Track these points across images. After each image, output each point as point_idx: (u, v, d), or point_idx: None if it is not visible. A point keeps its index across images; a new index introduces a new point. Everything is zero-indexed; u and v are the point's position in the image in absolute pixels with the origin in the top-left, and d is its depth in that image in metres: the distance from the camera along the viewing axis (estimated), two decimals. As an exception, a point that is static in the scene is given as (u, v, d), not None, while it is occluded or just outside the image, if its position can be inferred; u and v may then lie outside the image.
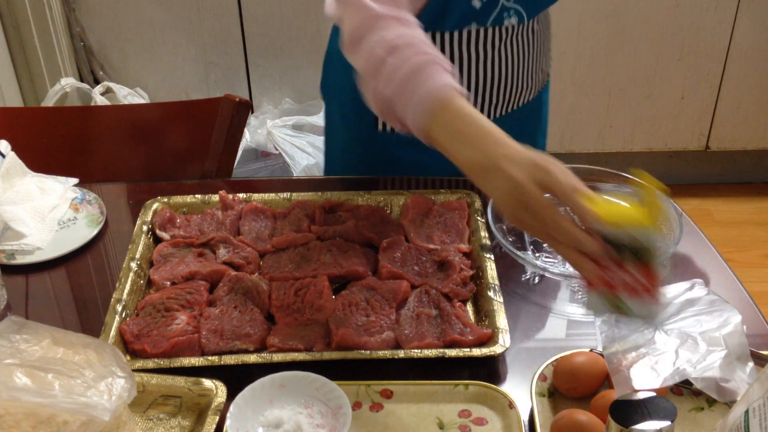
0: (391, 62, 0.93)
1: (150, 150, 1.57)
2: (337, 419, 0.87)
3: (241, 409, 0.88)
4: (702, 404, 0.91)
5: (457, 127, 0.88)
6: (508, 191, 0.83)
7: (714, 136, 2.65)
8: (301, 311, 1.04)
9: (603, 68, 2.51)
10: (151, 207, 1.21)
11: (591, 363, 0.92)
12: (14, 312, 1.09)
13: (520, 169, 0.82)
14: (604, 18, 2.42)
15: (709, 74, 2.52)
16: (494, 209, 0.92)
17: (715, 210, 2.67)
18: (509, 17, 1.19)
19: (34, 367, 0.79)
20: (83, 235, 1.22)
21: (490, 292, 1.05)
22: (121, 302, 1.04)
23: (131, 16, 2.45)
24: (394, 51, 0.94)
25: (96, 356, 0.83)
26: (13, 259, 1.17)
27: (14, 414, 0.77)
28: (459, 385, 0.94)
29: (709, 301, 0.95)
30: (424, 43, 0.95)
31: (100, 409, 0.77)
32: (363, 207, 1.21)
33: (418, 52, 0.93)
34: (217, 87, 2.57)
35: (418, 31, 0.98)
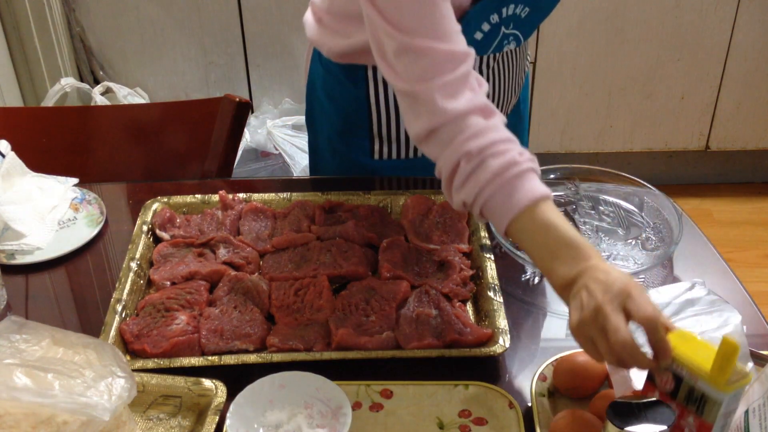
0: (478, 176, 0.89)
1: (150, 150, 1.57)
2: (337, 419, 0.87)
3: (241, 409, 0.88)
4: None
5: (546, 241, 0.86)
6: (589, 311, 0.80)
7: (714, 136, 2.64)
8: (301, 311, 1.04)
9: (603, 68, 2.51)
10: (151, 207, 1.22)
11: (591, 363, 0.92)
12: (14, 312, 1.09)
13: (604, 291, 0.79)
14: (604, 18, 2.42)
15: (709, 74, 2.52)
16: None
17: (715, 210, 2.67)
18: (508, 44, 1.19)
19: (34, 367, 0.79)
20: (83, 235, 1.22)
21: (490, 292, 1.05)
22: (121, 302, 1.04)
23: (131, 16, 2.45)
24: (480, 165, 0.89)
25: (96, 356, 0.83)
26: (13, 259, 1.17)
27: (14, 414, 0.77)
28: (459, 385, 0.94)
29: (709, 301, 0.95)
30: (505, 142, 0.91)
31: (100, 409, 0.77)
32: (363, 207, 1.21)
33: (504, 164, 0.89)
34: (217, 87, 2.57)
35: (498, 120, 0.93)
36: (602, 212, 1.24)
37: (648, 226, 1.21)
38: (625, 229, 1.21)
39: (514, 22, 1.15)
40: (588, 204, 1.25)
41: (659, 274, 1.13)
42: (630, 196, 1.26)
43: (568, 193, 1.27)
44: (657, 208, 1.22)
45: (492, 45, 1.16)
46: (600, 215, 1.23)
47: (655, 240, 1.18)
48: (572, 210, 1.24)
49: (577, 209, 1.24)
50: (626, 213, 1.24)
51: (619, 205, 1.25)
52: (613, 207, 1.25)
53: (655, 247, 1.17)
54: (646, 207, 1.24)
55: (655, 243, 1.17)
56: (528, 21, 1.17)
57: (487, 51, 1.17)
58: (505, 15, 1.13)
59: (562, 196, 1.27)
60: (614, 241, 1.18)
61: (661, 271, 1.13)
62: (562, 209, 1.25)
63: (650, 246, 1.17)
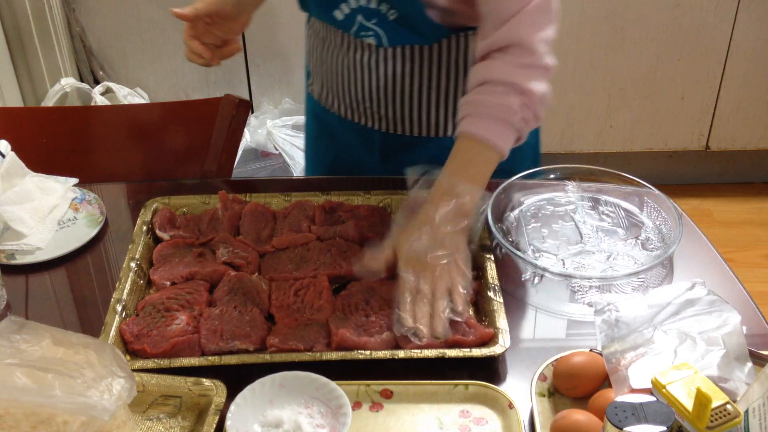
0: None
1: (150, 150, 1.57)
2: (337, 419, 0.87)
3: (241, 409, 0.88)
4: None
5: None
6: None
7: (714, 136, 2.64)
8: (300, 311, 1.04)
9: (603, 68, 2.51)
10: (151, 207, 1.21)
11: (590, 363, 0.92)
12: (14, 312, 1.09)
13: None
14: (604, 18, 2.42)
15: (709, 74, 2.52)
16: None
17: (715, 210, 2.67)
18: (367, 36, 1.22)
19: (34, 367, 0.79)
20: (83, 235, 1.22)
21: (490, 292, 1.05)
22: (121, 302, 1.04)
23: (131, 16, 2.44)
24: None
25: (96, 356, 0.83)
26: (13, 259, 1.17)
27: (14, 414, 0.77)
28: (459, 385, 0.94)
29: (708, 301, 0.95)
30: None
31: (100, 409, 0.77)
32: (363, 207, 1.21)
33: None
34: (217, 87, 2.57)
35: None
36: (602, 212, 1.24)
37: (648, 226, 1.21)
38: (625, 229, 1.21)
39: (378, 19, 1.18)
40: (588, 204, 1.25)
41: (659, 274, 1.13)
42: (630, 196, 1.26)
43: (569, 193, 1.27)
44: (657, 208, 1.22)
45: (351, 29, 1.21)
46: (600, 215, 1.23)
47: (655, 240, 1.18)
48: (572, 210, 1.24)
49: (577, 209, 1.24)
50: (626, 213, 1.24)
51: (619, 205, 1.25)
52: (613, 207, 1.25)
53: (655, 247, 1.17)
54: (647, 207, 1.24)
55: (655, 243, 1.18)
56: (395, 27, 1.18)
57: (348, 31, 1.23)
58: (356, 5, 1.17)
59: (562, 196, 1.27)
60: (614, 241, 1.18)
61: (661, 271, 1.13)
62: (562, 209, 1.25)
63: (650, 246, 1.17)
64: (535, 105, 1.06)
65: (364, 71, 1.27)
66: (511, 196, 1.25)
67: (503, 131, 1.05)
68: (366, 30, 1.20)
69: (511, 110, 1.05)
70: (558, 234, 1.20)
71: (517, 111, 1.05)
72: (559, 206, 1.25)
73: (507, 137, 1.06)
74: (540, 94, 1.07)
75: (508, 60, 1.06)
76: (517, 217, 1.24)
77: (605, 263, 1.14)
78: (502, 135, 1.05)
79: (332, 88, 1.34)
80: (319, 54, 1.33)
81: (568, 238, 1.19)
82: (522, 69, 1.06)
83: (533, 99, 1.06)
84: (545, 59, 1.08)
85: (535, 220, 1.23)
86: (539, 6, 1.06)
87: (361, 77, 1.28)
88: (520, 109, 1.05)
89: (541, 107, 1.08)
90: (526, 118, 1.06)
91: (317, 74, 1.36)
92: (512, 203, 1.25)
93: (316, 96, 1.40)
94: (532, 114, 1.07)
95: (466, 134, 1.06)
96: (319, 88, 1.38)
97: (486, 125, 1.05)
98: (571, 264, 1.14)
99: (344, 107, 1.34)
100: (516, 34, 1.05)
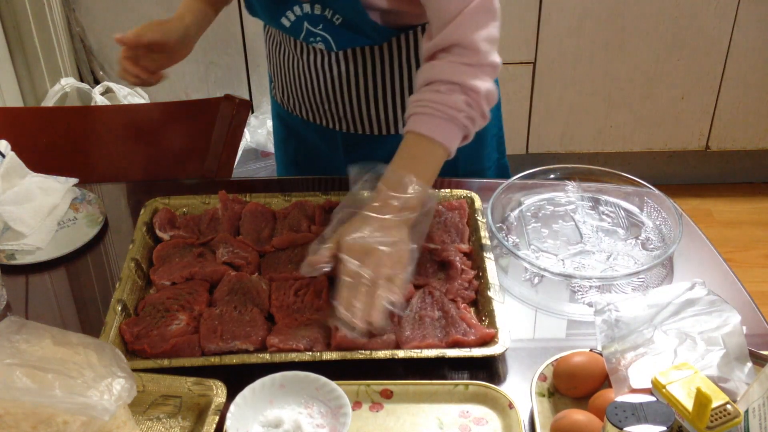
0: None
1: (150, 150, 1.56)
2: (337, 419, 0.87)
3: (241, 409, 0.88)
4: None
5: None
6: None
7: (714, 136, 2.64)
8: (301, 311, 1.04)
9: (603, 68, 2.51)
10: (151, 207, 1.21)
11: (591, 363, 0.92)
12: (14, 312, 1.09)
13: None
14: (605, 17, 2.42)
15: (709, 74, 2.52)
16: None
17: (715, 210, 2.67)
18: (315, 42, 1.23)
19: (35, 367, 0.79)
20: (83, 235, 1.22)
21: (490, 292, 1.05)
22: (121, 302, 1.04)
23: (131, 16, 2.44)
24: None
25: (96, 356, 0.83)
26: (13, 259, 1.17)
27: (14, 414, 0.77)
28: (459, 385, 0.94)
29: (708, 301, 0.95)
30: None
31: (100, 409, 0.77)
32: (363, 207, 1.21)
33: None
34: (217, 87, 2.57)
35: None
36: (602, 212, 1.24)
37: (648, 226, 1.21)
38: (626, 229, 1.21)
39: (324, 24, 1.19)
40: (588, 204, 1.25)
41: (659, 274, 1.13)
42: (630, 196, 1.26)
43: (569, 193, 1.27)
44: (657, 208, 1.22)
45: (299, 35, 1.23)
46: (600, 215, 1.23)
47: (655, 240, 1.18)
48: (572, 210, 1.24)
49: (578, 209, 1.24)
50: (626, 213, 1.24)
51: (619, 205, 1.25)
52: (614, 207, 1.25)
53: (655, 247, 1.17)
54: (647, 207, 1.24)
55: (655, 243, 1.18)
56: (342, 31, 1.19)
57: (298, 38, 1.24)
58: (301, 13, 1.18)
59: (562, 196, 1.27)
60: (614, 241, 1.18)
61: (661, 271, 1.13)
62: (562, 209, 1.25)
63: (650, 246, 1.17)
64: (480, 103, 1.07)
65: (318, 74, 1.28)
66: (511, 196, 1.25)
67: (449, 129, 1.06)
68: (314, 36, 1.21)
69: (456, 108, 1.05)
70: (558, 234, 1.20)
71: (463, 109, 1.06)
72: (559, 206, 1.25)
73: (452, 135, 1.07)
74: (485, 91, 1.07)
75: (452, 60, 1.07)
76: (518, 216, 1.24)
77: (605, 263, 1.14)
78: (448, 133, 1.06)
79: (292, 92, 1.36)
80: (277, 59, 1.35)
81: (568, 238, 1.19)
82: (466, 68, 1.07)
83: (478, 97, 1.06)
84: (489, 57, 1.08)
85: (535, 220, 1.23)
86: (480, 6, 1.07)
87: (317, 80, 1.29)
88: (466, 107, 1.06)
89: (486, 105, 1.08)
90: (471, 116, 1.07)
91: (277, 78, 1.39)
92: (512, 203, 1.25)
93: (278, 99, 1.42)
94: (477, 112, 1.07)
95: (413, 132, 1.07)
96: (280, 92, 1.40)
97: (432, 123, 1.06)
98: (571, 264, 1.14)
99: (305, 110, 1.36)
100: (458, 35, 1.07)
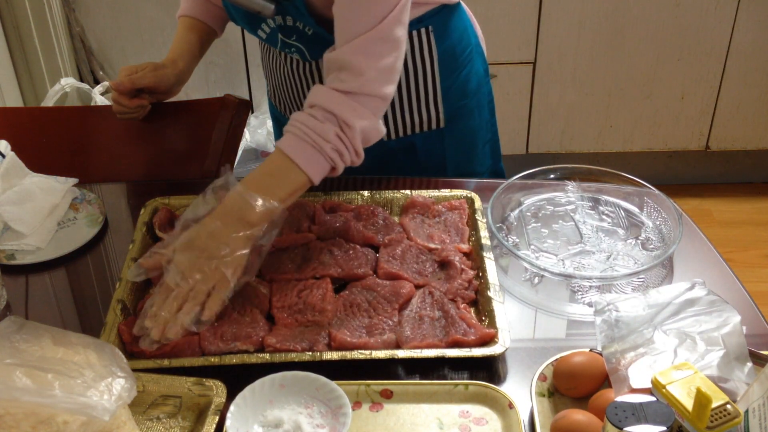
0: None
1: (150, 150, 1.56)
2: (337, 419, 0.87)
3: (241, 409, 0.88)
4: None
5: None
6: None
7: (714, 136, 2.64)
8: (302, 312, 1.04)
9: (603, 68, 2.51)
10: (151, 207, 1.21)
11: (590, 363, 0.92)
12: (14, 312, 1.09)
13: None
14: (605, 17, 2.42)
15: (709, 74, 2.52)
16: None
17: (715, 210, 2.67)
18: (291, 53, 1.24)
19: (34, 367, 0.79)
20: (83, 235, 1.22)
21: (490, 292, 1.05)
22: (121, 302, 1.04)
23: (131, 16, 2.44)
24: None
25: (96, 356, 0.83)
26: (13, 259, 1.17)
27: (14, 414, 0.77)
28: (459, 385, 0.94)
29: (708, 301, 0.95)
30: None
31: (100, 409, 0.77)
32: (363, 207, 1.21)
33: None
34: (217, 87, 2.57)
35: None
36: (602, 212, 1.24)
37: (648, 226, 1.21)
38: (625, 229, 1.21)
39: (297, 35, 1.19)
40: (588, 204, 1.25)
41: (659, 274, 1.13)
42: (630, 196, 1.26)
43: (569, 193, 1.27)
44: (657, 208, 1.22)
45: (276, 45, 1.24)
46: (600, 215, 1.23)
47: (655, 240, 1.18)
48: (572, 210, 1.24)
49: (577, 209, 1.24)
50: (626, 213, 1.24)
51: (619, 205, 1.25)
52: (613, 207, 1.25)
53: (655, 247, 1.17)
54: (647, 207, 1.24)
55: (655, 243, 1.18)
56: (314, 42, 1.18)
57: (275, 47, 1.26)
58: (274, 25, 1.19)
59: (562, 196, 1.27)
60: (614, 241, 1.18)
61: (661, 271, 1.13)
62: (562, 209, 1.25)
63: (650, 246, 1.17)
64: (353, 139, 1.05)
65: (301, 80, 1.29)
66: (511, 195, 1.25)
67: (313, 157, 1.05)
68: (289, 47, 1.22)
69: (324, 138, 1.04)
70: (558, 234, 1.20)
71: (330, 140, 1.04)
72: (559, 206, 1.25)
73: (316, 163, 1.05)
74: (360, 128, 1.05)
75: (336, 86, 1.05)
76: (517, 216, 1.24)
77: (605, 263, 1.14)
78: (312, 160, 1.05)
79: (282, 95, 1.36)
80: (266, 62, 1.37)
81: (568, 238, 1.19)
82: (346, 98, 1.05)
83: (351, 132, 1.05)
84: (378, 88, 1.06)
85: (535, 220, 1.23)
86: (379, 34, 1.05)
87: (299, 86, 1.30)
88: (335, 138, 1.04)
89: (359, 142, 1.06)
90: (339, 150, 1.05)
91: (269, 81, 1.40)
92: (512, 203, 1.25)
93: (272, 100, 1.44)
94: (347, 148, 1.06)
95: (279, 150, 1.06)
96: (272, 93, 1.42)
97: (298, 147, 1.05)
98: (571, 264, 1.14)
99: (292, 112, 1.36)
100: (350, 57, 1.05)
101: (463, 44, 1.30)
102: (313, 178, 1.06)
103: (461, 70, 1.30)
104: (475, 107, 1.36)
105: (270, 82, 1.39)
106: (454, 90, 1.30)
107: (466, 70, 1.32)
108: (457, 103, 1.32)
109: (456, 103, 1.31)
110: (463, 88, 1.32)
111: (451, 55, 1.28)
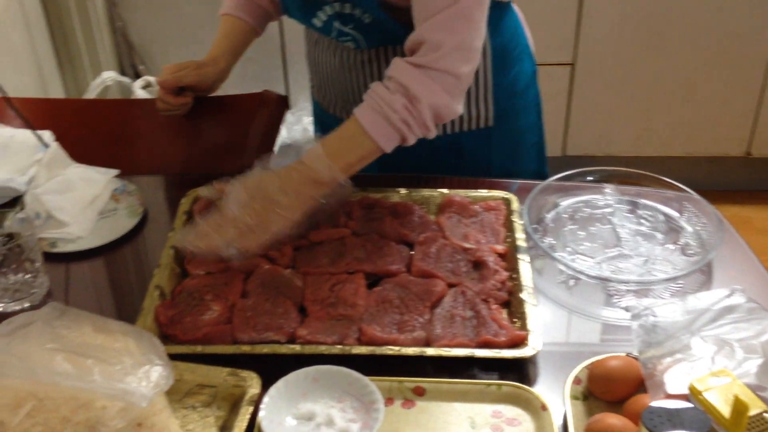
0: None
1: (189, 144, 1.58)
2: (369, 414, 0.88)
3: (274, 400, 0.89)
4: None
5: None
6: None
7: (755, 142, 2.60)
8: (334, 306, 1.04)
9: (642, 71, 2.48)
10: (192, 196, 1.23)
11: (626, 367, 0.91)
12: (55, 298, 1.11)
13: None
14: (645, 19, 2.39)
15: (750, 79, 2.48)
16: None
17: (756, 217, 2.62)
18: (346, 41, 1.24)
19: (75, 353, 0.80)
20: (123, 226, 1.24)
21: (523, 294, 1.04)
22: (159, 288, 1.06)
23: (172, 12, 2.48)
24: None
25: (135, 344, 0.84)
26: (55, 247, 1.20)
27: (54, 398, 0.79)
28: (492, 385, 0.93)
29: (748, 308, 0.94)
30: None
31: (137, 395, 0.79)
32: (400, 204, 1.21)
33: None
34: (254, 83, 2.57)
35: None
36: (640, 216, 1.22)
37: (687, 231, 1.19)
38: (664, 233, 1.19)
39: (354, 23, 1.19)
40: (626, 207, 1.24)
41: (698, 280, 1.11)
42: (669, 200, 1.24)
43: (606, 196, 1.26)
44: (697, 213, 1.21)
45: (331, 34, 1.25)
46: (638, 219, 1.22)
47: (695, 245, 1.16)
48: (610, 213, 1.23)
49: (615, 212, 1.23)
50: (665, 217, 1.22)
51: (657, 209, 1.24)
52: (652, 211, 1.23)
53: (694, 253, 1.15)
54: (686, 212, 1.22)
55: (694, 248, 1.16)
56: (371, 30, 1.19)
57: (329, 36, 1.26)
58: (332, 12, 1.19)
59: (600, 199, 1.26)
60: (653, 245, 1.17)
61: (700, 277, 1.12)
62: (599, 212, 1.24)
63: (689, 251, 1.15)
64: (422, 113, 1.07)
65: (351, 72, 1.29)
66: (548, 197, 1.24)
67: (384, 127, 1.07)
68: (344, 35, 1.22)
69: (392, 108, 1.06)
70: (595, 237, 1.19)
71: (398, 110, 1.06)
72: (597, 209, 1.24)
73: (386, 133, 1.07)
74: (429, 102, 1.06)
75: (412, 60, 1.07)
76: (554, 218, 1.23)
77: (643, 267, 1.13)
78: (382, 130, 1.07)
79: (328, 88, 1.37)
80: (314, 55, 1.37)
81: (606, 241, 1.18)
82: (420, 72, 1.06)
83: (420, 106, 1.06)
84: (452, 64, 1.07)
85: (572, 222, 1.22)
86: (458, 12, 1.06)
87: (349, 77, 1.30)
88: (403, 109, 1.06)
89: (429, 116, 1.07)
90: (407, 122, 1.07)
91: (314, 74, 1.41)
92: (548, 205, 1.24)
93: (316, 97, 1.44)
94: (416, 121, 1.07)
95: (354, 117, 1.09)
96: (317, 89, 1.42)
97: (371, 116, 1.08)
98: (608, 267, 1.13)
99: (339, 107, 1.37)
100: (428, 34, 1.07)
101: (513, 43, 1.31)
102: (383, 146, 1.08)
103: (511, 69, 1.30)
104: (523, 108, 1.35)
105: (317, 76, 1.40)
106: (503, 88, 1.30)
107: (516, 70, 1.31)
108: (505, 102, 1.32)
109: (504, 102, 1.31)
110: (512, 88, 1.32)
111: (502, 53, 1.28)
